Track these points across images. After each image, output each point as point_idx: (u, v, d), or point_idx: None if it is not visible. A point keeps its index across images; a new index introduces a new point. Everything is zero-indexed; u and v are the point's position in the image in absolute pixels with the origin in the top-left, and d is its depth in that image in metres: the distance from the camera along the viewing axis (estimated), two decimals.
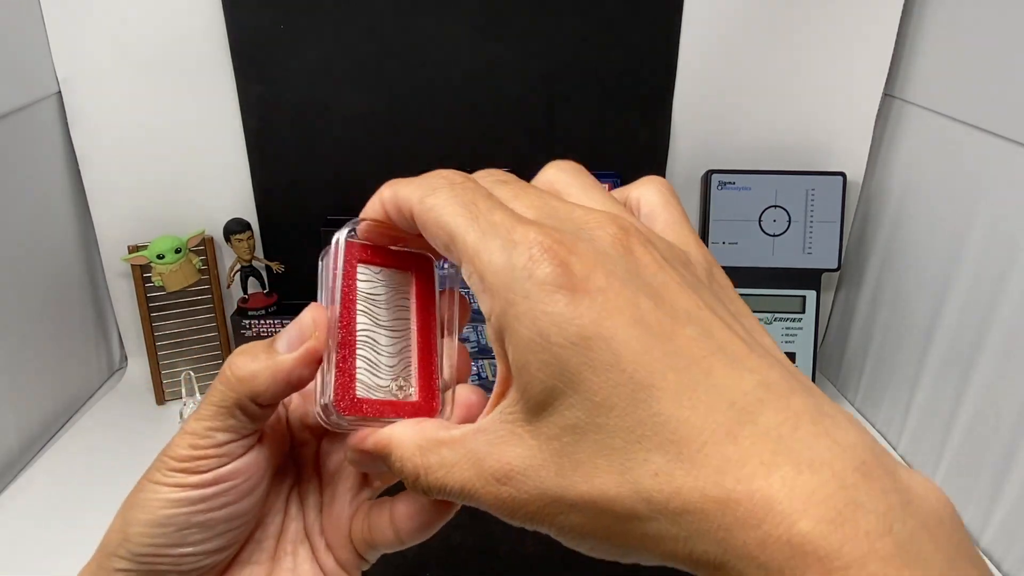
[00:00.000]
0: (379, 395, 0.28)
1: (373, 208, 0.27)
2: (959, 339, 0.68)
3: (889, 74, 0.80)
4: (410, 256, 0.30)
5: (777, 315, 0.82)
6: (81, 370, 0.88)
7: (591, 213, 0.23)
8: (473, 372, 0.80)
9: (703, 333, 0.21)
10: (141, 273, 0.83)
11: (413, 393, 0.29)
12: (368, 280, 0.29)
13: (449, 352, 0.30)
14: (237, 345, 0.87)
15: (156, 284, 0.83)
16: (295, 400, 0.33)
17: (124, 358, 0.95)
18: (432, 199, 0.24)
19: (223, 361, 0.95)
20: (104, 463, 0.76)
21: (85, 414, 0.85)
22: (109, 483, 0.73)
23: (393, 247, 0.30)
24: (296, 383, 0.28)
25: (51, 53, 0.79)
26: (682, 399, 0.20)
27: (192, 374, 0.85)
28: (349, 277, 0.29)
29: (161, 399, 0.86)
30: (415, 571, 0.61)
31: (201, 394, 0.86)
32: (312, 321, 0.28)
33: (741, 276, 0.82)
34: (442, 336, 0.31)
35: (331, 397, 0.27)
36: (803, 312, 0.82)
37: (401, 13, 0.79)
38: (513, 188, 0.25)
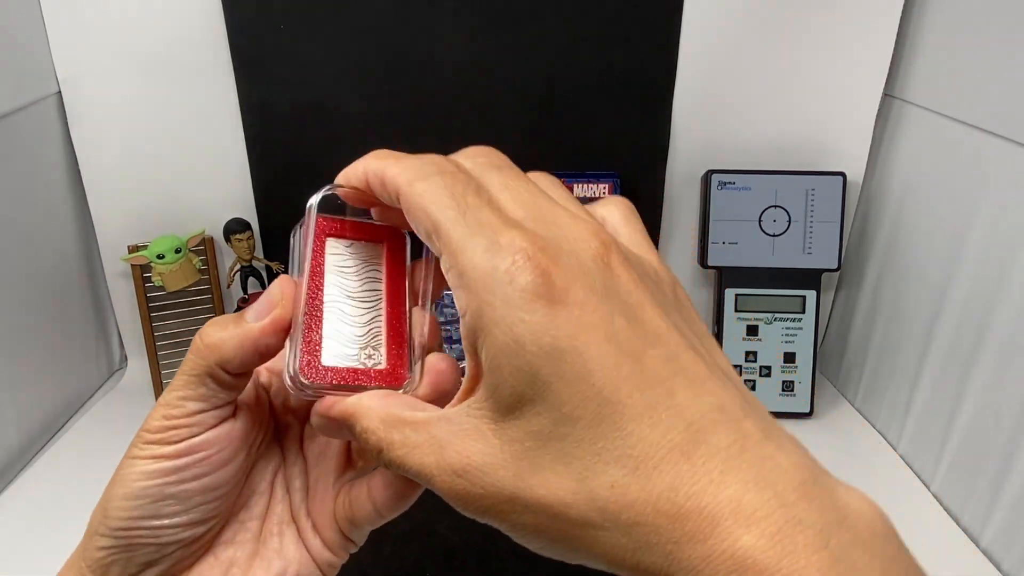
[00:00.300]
0: (347, 364, 0.29)
1: (356, 175, 0.27)
2: (959, 339, 0.68)
3: (889, 74, 0.80)
4: (382, 228, 0.31)
5: (777, 315, 0.82)
6: (81, 370, 0.88)
7: (576, 222, 0.24)
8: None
9: (669, 355, 0.22)
10: (141, 273, 0.83)
11: (382, 362, 0.29)
12: (338, 252, 0.30)
13: (420, 322, 0.31)
14: None
15: (156, 284, 0.83)
16: (275, 383, 0.33)
17: (124, 358, 0.95)
18: (422, 184, 0.24)
19: None
20: (104, 463, 0.76)
21: (85, 414, 0.84)
22: None
23: (364, 220, 0.30)
24: (264, 351, 0.28)
25: (51, 53, 0.79)
26: (644, 418, 0.20)
27: None
28: (318, 249, 0.29)
29: None
30: (415, 571, 0.61)
31: None
32: (280, 292, 0.28)
33: (741, 276, 0.82)
34: (414, 306, 0.31)
35: (297, 365, 0.28)
36: (803, 312, 0.82)
37: (401, 13, 0.79)
38: (504, 176, 0.26)
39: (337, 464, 0.33)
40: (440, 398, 0.30)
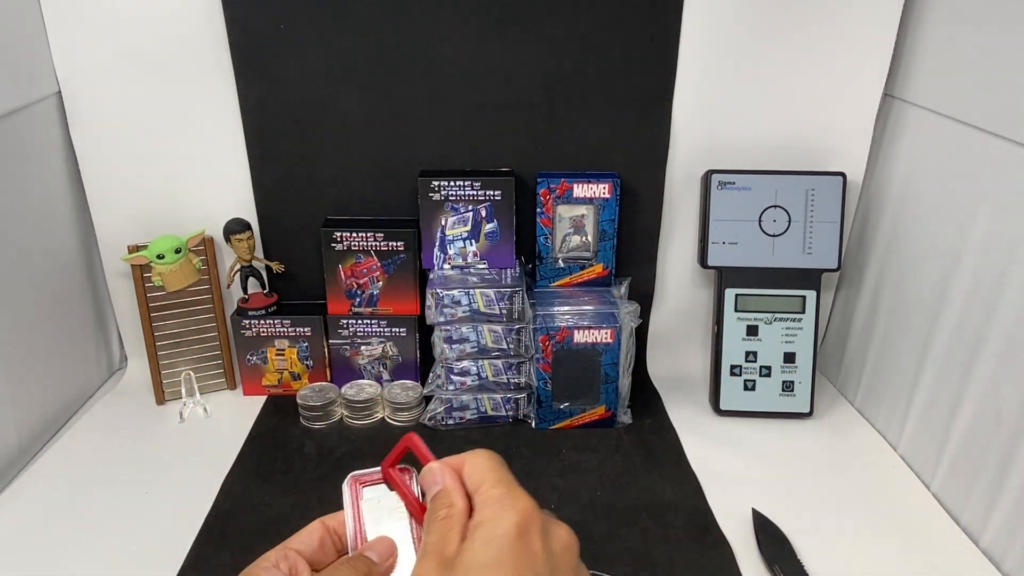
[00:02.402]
0: None
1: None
2: (959, 339, 0.68)
3: (889, 74, 0.80)
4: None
5: (777, 315, 0.82)
6: (81, 370, 0.88)
7: None
8: (473, 372, 0.80)
9: None
10: (141, 273, 0.83)
11: None
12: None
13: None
14: (237, 345, 0.87)
15: (156, 284, 0.83)
16: None
17: (124, 358, 0.95)
18: None
19: (223, 361, 0.95)
20: (104, 463, 0.76)
21: (85, 414, 0.85)
22: (109, 483, 0.73)
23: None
24: None
25: (51, 53, 0.79)
26: None
27: (192, 374, 0.85)
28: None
29: (161, 399, 0.86)
30: None
31: (201, 394, 0.86)
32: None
33: (741, 276, 0.82)
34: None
35: None
36: (803, 312, 0.82)
37: (401, 13, 0.79)
38: None
39: None
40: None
